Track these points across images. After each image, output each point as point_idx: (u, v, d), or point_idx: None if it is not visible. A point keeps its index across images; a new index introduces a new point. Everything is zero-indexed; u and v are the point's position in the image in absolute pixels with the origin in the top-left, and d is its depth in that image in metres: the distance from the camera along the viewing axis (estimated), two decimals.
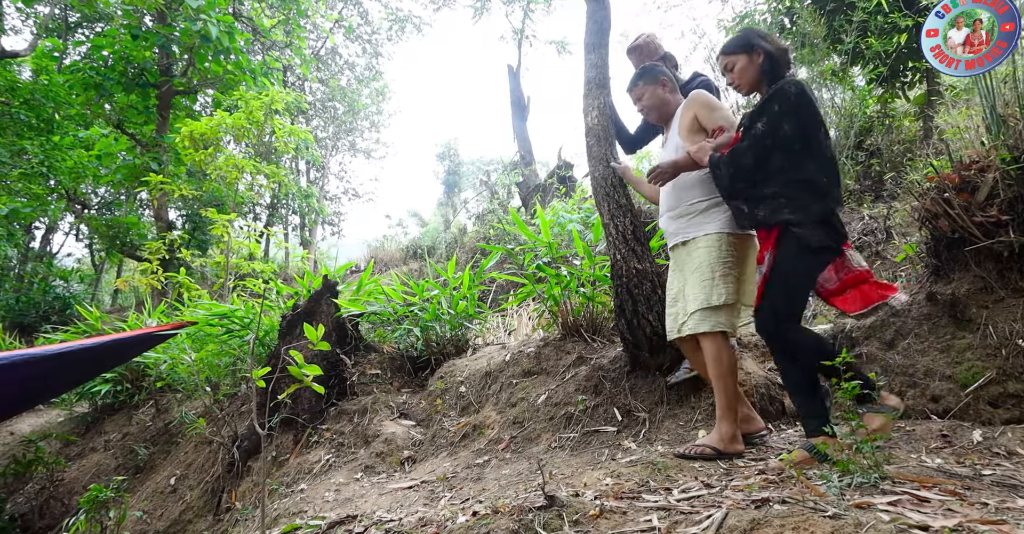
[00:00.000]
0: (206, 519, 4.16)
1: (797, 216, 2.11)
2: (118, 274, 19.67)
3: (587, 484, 2.23)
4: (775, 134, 2.15)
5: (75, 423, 7.77)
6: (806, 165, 2.13)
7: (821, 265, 2.17)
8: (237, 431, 4.51)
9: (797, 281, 2.16)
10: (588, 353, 3.67)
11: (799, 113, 2.14)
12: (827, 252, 2.14)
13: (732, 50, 2.36)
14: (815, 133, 2.15)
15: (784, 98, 2.15)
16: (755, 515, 1.49)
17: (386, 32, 19.32)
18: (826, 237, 2.11)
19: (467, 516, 2.03)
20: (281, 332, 4.70)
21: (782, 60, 2.29)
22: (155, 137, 11.25)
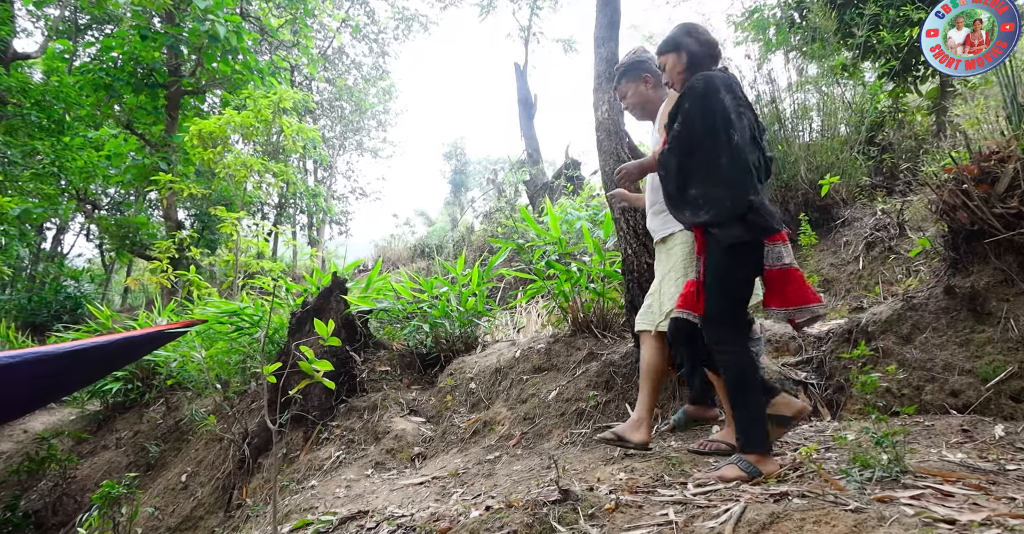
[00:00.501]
0: (217, 515, 4.17)
1: (712, 215, 2.05)
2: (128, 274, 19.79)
3: (600, 479, 2.20)
4: (690, 132, 2.12)
5: (87, 421, 7.82)
6: (719, 161, 2.06)
7: (744, 263, 2.06)
8: (248, 428, 4.52)
9: (723, 283, 2.08)
10: (599, 349, 3.64)
11: (706, 107, 2.09)
12: (746, 248, 2.04)
13: (663, 50, 2.36)
14: (726, 126, 2.06)
15: (692, 94, 2.12)
16: (774, 509, 1.46)
17: (392, 31, 19.33)
18: (744, 233, 2.02)
19: (480, 511, 2.01)
20: (291, 329, 4.70)
21: (705, 55, 2.26)
22: (164, 137, 11.30)
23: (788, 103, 6.00)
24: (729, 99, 2.09)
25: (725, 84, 2.12)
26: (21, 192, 9.97)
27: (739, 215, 2.01)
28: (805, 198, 5.54)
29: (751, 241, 2.03)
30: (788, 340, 3.25)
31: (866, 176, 5.88)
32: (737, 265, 2.07)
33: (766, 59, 6.43)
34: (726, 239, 2.04)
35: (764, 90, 6.01)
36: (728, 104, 2.08)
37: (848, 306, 4.20)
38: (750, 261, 2.06)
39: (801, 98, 6.08)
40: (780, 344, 3.24)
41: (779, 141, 5.76)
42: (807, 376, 2.93)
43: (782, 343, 3.27)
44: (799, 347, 3.18)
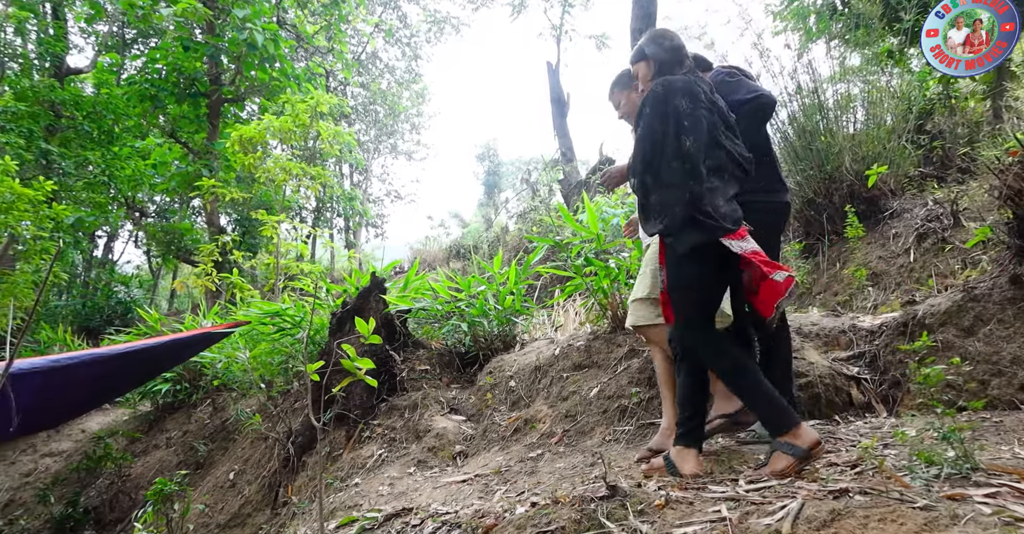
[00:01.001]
0: (264, 513, 4.25)
1: (666, 224, 2.07)
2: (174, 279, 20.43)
3: (647, 476, 2.16)
4: (649, 137, 2.13)
5: (139, 421, 8.08)
6: (672, 166, 2.07)
7: (703, 266, 2.07)
8: (292, 427, 4.59)
9: (685, 289, 2.10)
10: (640, 345, 3.58)
11: (663, 112, 2.10)
12: (704, 251, 2.04)
13: (633, 60, 2.42)
14: (678, 131, 2.06)
15: (651, 100, 2.15)
16: (834, 506, 1.40)
17: (424, 34, 19.51)
18: (697, 237, 2.03)
19: (526, 507, 1.99)
20: (331, 329, 4.76)
21: (672, 61, 2.28)
22: (206, 144, 11.63)
23: (830, 93, 5.83)
24: (686, 103, 2.10)
25: (684, 88, 2.13)
26: (75, 201, 10.38)
27: (689, 221, 2.02)
28: (850, 189, 5.37)
29: (707, 243, 2.03)
30: (838, 334, 3.14)
31: (914, 166, 5.67)
32: (696, 270, 2.07)
33: (806, 49, 6.26)
34: (680, 246, 2.06)
35: (805, 81, 5.85)
36: (683, 108, 2.09)
37: (899, 300, 4.05)
38: (710, 263, 2.06)
39: (844, 88, 5.90)
40: (830, 338, 3.13)
41: (821, 132, 5.60)
42: (860, 371, 2.83)
43: (832, 337, 3.16)
44: (850, 341, 3.08)
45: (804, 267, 5.56)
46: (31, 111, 9.64)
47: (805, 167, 5.72)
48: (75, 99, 10.23)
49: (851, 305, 4.69)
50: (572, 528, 1.66)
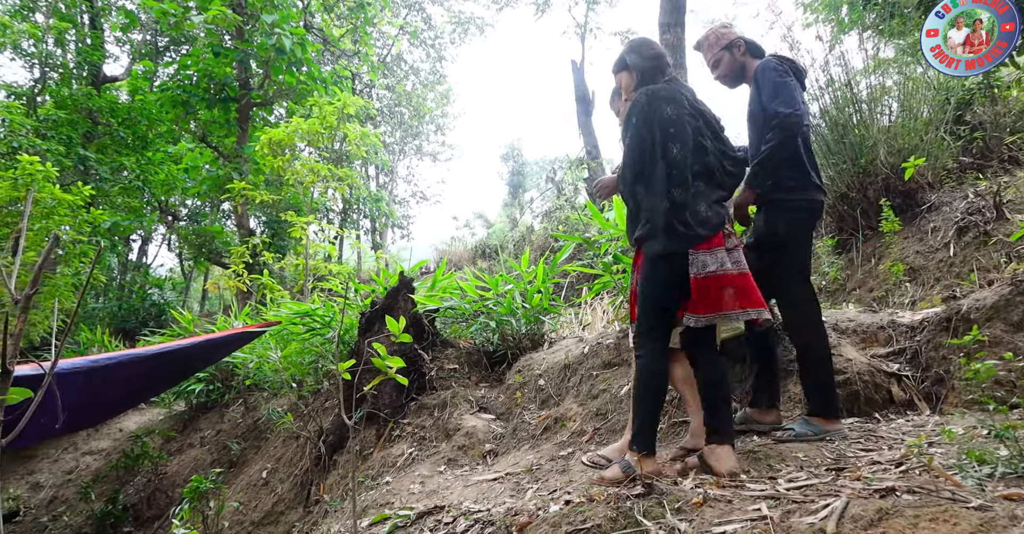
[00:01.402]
0: (297, 511, 4.30)
1: (645, 229, 2.14)
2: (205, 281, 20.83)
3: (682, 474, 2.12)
4: (640, 146, 2.17)
5: (174, 421, 8.26)
6: (656, 173, 2.13)
7: (665, 273, 2.14)
8: (322, 426, 4.64)
9: (645, 293, 2.19)
10: None
11: (648, 120, 2.15)
12: (669, 259, 2.11)
13: (615, 70, 2.49)
14: (664, 138, 2.12)
15: (636, 109, 2.20)
16: (881, 505, 1.36)
17: (449, 35, 19.60)
18: (667, 244, 2.10)
19: (559, 505, 1.97)
20: (361, 329, 4.80)
21: (653, 69, 2.34)
22: (236, 148, 11.84)
23: (863, 85, 5.69)
24: (670, 110, 2.15)
25: (668, 96, 2.19)
26: (111, 206, 10.66)
27: (665, 227, 2.09)
28: (886, 183, 5.23)
29: (675, 252, 2.10)
30: (876, 330, 3.06)
31: (953, 158, 5.49)
32: (658, 276, 2.15)
33: (838, 40, 6.12)
34: (650, 251, 2.15)
35: (837, 73, 5.71)
36: (668, 115, 2.14)
37: (939, 295, 3.93)
38: (673, 272, 2.12)
39: (878, 79, 5.75)
40: (868, 334, 3.05)
41: (855, 125, 5.47)
42: (900, 367, 2.74)
43: (869, 333, 3.07)
44: (889, 337, 2.99)
45: (838, 263, 5.44)
46: (70, 119, 9.92)
47: (838, 161, 5.59)
48: (111, 106, 10.49)
49: (887, 301, 4.57)
50: (608, 526, 1.63)
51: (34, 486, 7.62)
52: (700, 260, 2.09)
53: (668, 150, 2.11)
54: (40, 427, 4.17)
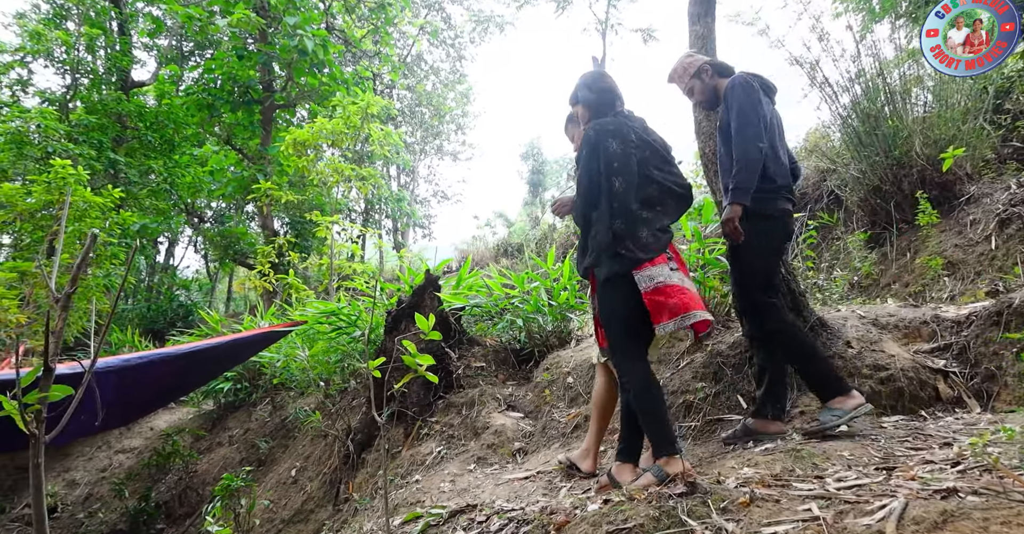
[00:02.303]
0: (326, 509, 4.31)
1: (593, 257, 2.28)
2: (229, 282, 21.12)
3: (722, 473, 2.07)
4: (589, 177, 2.30)
5: (203, 420, 8.37)
6: (601, 205, 2.26)
7: (622, 295, 2.23)
8: (351, 424, 4.65)
9: (608, 316, 2.29)
10: (707, 338, 3.47)
11: (595, 155, 2.27)
12: (620, 281, 2.22)
13: (571, 102, 2.65)
14: (608, 173, 2.24)
15: (585, 143, 2.33)
16: (944, 507, 1.29)
17: (468, 34, 19.60)
18: (614, 267, 2.22)
19: (597, 504, 1.93)
20: (387, 327, 4.80)
21: (604, 103, 2.47)
22: (260, 150, 11.97)
23: (896, 75, 5.54)
24: (615, 145, 2.27)
25: (614, 130, 2.31)
26: (140, 208, 10.84)
27: (609, 255, 2.22)
28: (921, 175, 5.09)
29: (622, 274, 2.21)
30: (919, 325, 2.96)
31: (991, 149, 5.32)
32: (613, 300, 2.26)
33: (869, 30, 5.97)
34: (599, 277, 2.29)
35: (868, 63, 5.57)
36: (613, 150, 2.27)
37: (983, 289, 3.80)
38: (625, 294, 2.23)
39: (911, 68, 5.59)
40: (910, 330, 2.95)
41: (888, 117, 5.33)
42: (947, 363, 2.65)
43: (912, 329, 2.98)
44: (933, 333, 2.89)
45: (870, 258, 5.30)
46: (100, 123, 10.10)
47: (870, 153, 5.45)
48: (139, 110, 10.67)
49: (925, 296, 4.44)
50: (651, 526, 1.59)
51: (70, 483, 7.78)
52: (645, 276, 2.21)
53: (612, 184, 2.24)
54: (80, 424, 4.24)
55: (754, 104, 2.49)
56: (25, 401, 1.83)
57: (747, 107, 2.49)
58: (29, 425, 1.84)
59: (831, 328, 2.90)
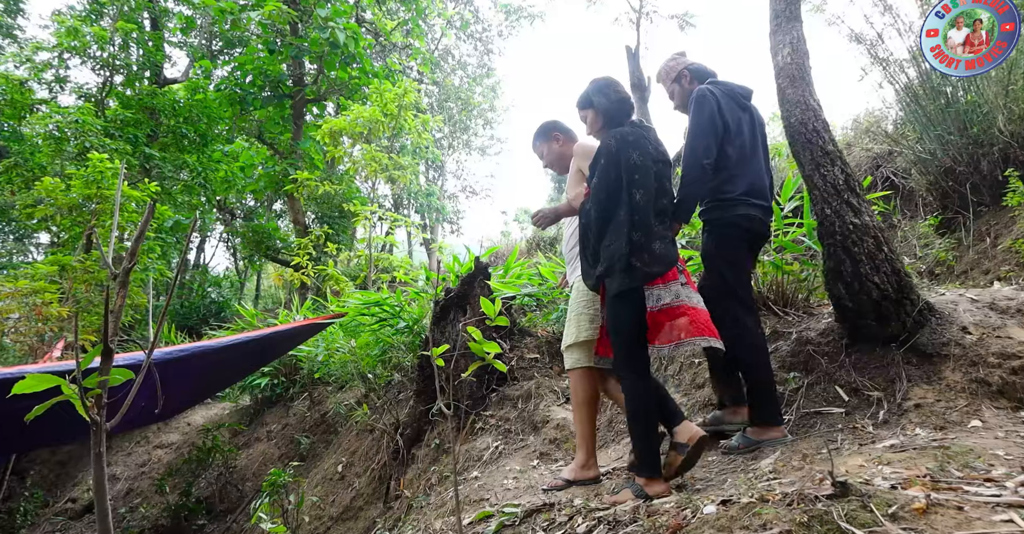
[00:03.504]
0: (376, 506, 4.14)
1: (604, 268, 2.27)
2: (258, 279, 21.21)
3: (849, 471, 1.83)
4: (607, 188, 2.30)
5: (239, 415, 8.31)
6: (619, 216, 2.25)
7: (631, 308, 2.24)
8: (399, 418, 4.48)
9: (616, 328, 2.28)
10: (783, 327, 3.21)
11: (616, 165, 2.28)
12: (631, 295, 2.23)
13: (580, 106, 2.59)
14: (630, 184, 2.25)
15: (606, 152, 2.33)
16: None
17: (496, 27, 19.38)
18: (625, 281, 2.22)
19: (714, 506, 1.70)
20: (435, 318, 4.60)
21: (619, 111, 2.46)
22: (291, 145, 11.91)
23: None
24: (636, 156, 2.28)
25: (635, 142, 2.32)
26: (173, 204, 10.84)
27: (623, 267, 2.21)
28: (1004, 153, 4.73)
29: (631, 289, 2.22)
30: None
31: None
32: (621, 312, 2.26)
33: None
34: (611, 289, 2.27)
35: None
36: (634, 162, 2.28)
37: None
38: (634, 307, 2.24)
39: None
40: None
41: (963, 92, 4.98)
42: None
43: None
44: None
45: (945, 243, 4.97)
46: (136, 119, 10.11)
47: (941, 132, 5.11)
48: (173, 104, 10.67)
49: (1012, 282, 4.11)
50: (800, 532, 1.36)
51: (109, 478, 7.73)
52: (655, 294, 2.23)
53: (632, 195, 2.24)
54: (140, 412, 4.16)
55: (705, 121, 2.57)
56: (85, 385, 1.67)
57: (699, 123, 2.57)
58: (90, 411, 1.69)
59: (940, 313, 2.62)
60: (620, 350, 2.29)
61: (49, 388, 1.71)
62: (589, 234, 2.38)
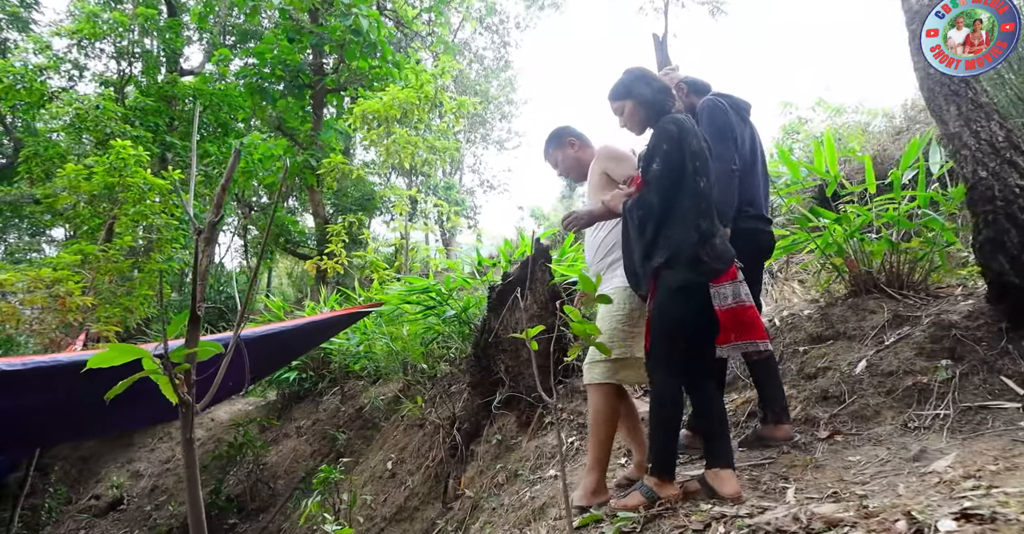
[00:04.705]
0: (434, 506, 3.83)
1: (665, 258, 2.13)
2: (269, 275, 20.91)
3: None
4: (671, 176, 2.15)
5: (266, 411, 8.02)
6: (683, 203, 2.14)
7: (687, 305, 2.12)
8: (454, 412, 4.16)
9: (662, 323, 2.15)
10: (906, 311, 2.87)
11: (682, 151, 2.15)
12: (691, 291, 2.11)
13: (618, 96, 2.39)
14: (695, 170, 2.14)
15: (667, 137, 2.18)
16: None
17: (514, 19, 19.03)
18: (691, 275, 2.09)
19: (951, 521, 1.36)
20: (491, 304, 4.29)
21: (661, 101, 2.31)
22: (311, 135, 11.62)
23: None
24: (696, 143, 2.17)
25: (693, 129, 2.21)
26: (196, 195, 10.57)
27: (690, 259, 2.08)
28: None
29: (696, 284, 2.10)
30: None
31: None
32: (676, 307, 2.13)
33: None
34: (672, 281, 2.11)
35: None
36: (695, 148, 2.16)
37: None
38: (694, 303, 2.11)
39: None
40: None
41: None
42: None
43: None
44: None
45: None
46: (156, 107, 9.86)
47: None
48: (195, 91, 10.41)
49: None
50: None
51: (134, 475, 7.51)
52: (721, 293, 2.13)
53: (697, 182, 2.14)
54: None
55: (723, 129, 2.55)
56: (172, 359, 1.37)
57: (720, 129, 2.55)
58: (179, 390, 1.40)
59: None
60: (661, 346, 2.16)
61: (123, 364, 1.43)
62: (647, 226, 2.20)
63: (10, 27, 14.75)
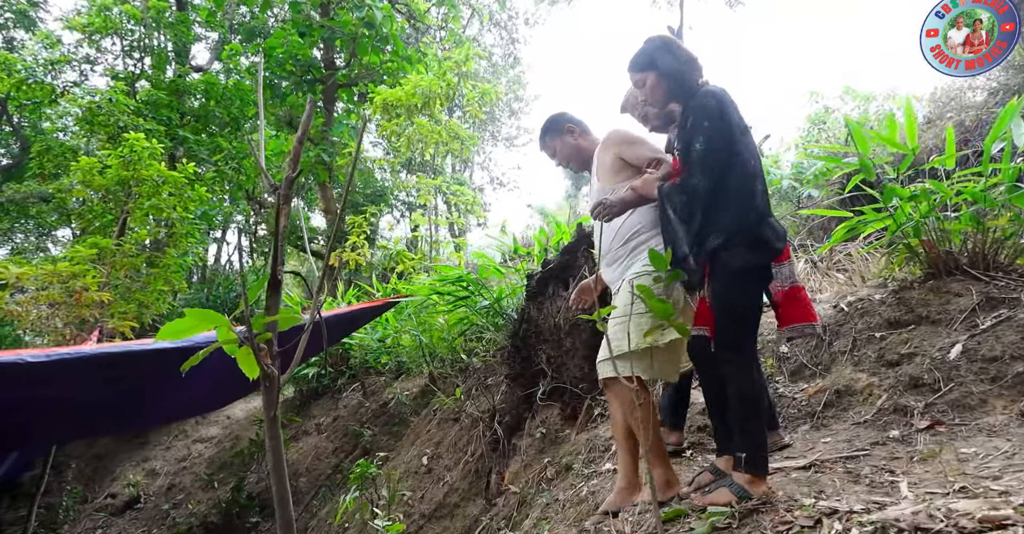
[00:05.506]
0: (476, 503, 3.64)
1: (721, 240, 1.97)
2: None
3: None
4: (717, 155, 1.98)
5: (284, 408, 7.85)
6: (730, 182, 1.98)
7: (753, 288, 2.03)
8: (494, 405, 3.97)
9: (729, 307, 2.00)
10: (1000, 293, 2.68)
11: (727, 127, 1.98)
12: (754, 271, 1.99)
13: (641, 68, 2.19)
14: (741, 146, 1.99)
15: (707, 114, 2.00)
16: None
17: (523, 15, 18.86)
18: (753, 256, 1.97)
19: None
20: (530, 292, 4.10)
21: (690, 71, 2.13)
22: (323, 131, 11.45)
23: None
24: (737, 118, 2.03)
25: (733, 103, 2.05)
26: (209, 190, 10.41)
27: (750, 240, 1.96)
28: None
29: (758, 265, 2.00)
30: None
31: None
32: (740, 289, 2.00)
33: None
34: (733, 264, 1.97)
35: None
36: (738, 122, 2.02)
37: None
38: (755, 285, 2.04)
39: None
40: None
41: None
42: None
43: None
44: None
45: None
46: (168, 101, 9.72)
47: None
48: (207, 85, 10.25)
49: None
50: None
51: (150, 473, 7.35)
52: (782, 273, 2.14)
53: (746, 160, 1.99)
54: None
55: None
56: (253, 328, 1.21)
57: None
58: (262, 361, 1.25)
59: None
60: (732, 331, 2.00)
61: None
62: (695, 211, 2.03)
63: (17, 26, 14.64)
